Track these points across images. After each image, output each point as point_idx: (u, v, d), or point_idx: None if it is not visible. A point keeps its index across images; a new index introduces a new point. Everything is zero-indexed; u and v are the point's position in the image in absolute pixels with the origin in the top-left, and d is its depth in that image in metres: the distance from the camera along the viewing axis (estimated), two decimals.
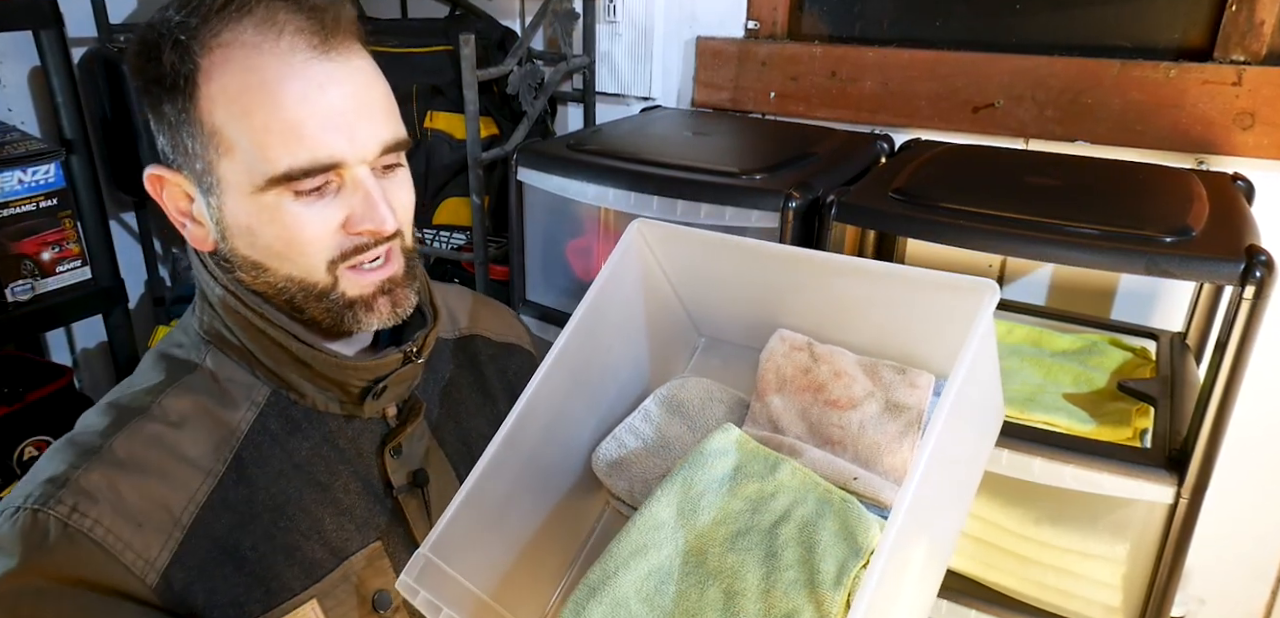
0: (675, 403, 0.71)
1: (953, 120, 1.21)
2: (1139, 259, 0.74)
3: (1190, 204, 0.84)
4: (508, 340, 0.88)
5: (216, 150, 0.60)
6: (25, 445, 1.55)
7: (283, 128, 0.58)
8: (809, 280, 0.68)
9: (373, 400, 0.69)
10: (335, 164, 0.60)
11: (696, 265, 0.73)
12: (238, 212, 0.62)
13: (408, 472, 0.72)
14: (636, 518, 0.62)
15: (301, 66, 0.59)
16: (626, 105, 1.48)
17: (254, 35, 0.58)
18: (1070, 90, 1.12)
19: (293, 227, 0.61)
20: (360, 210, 0.62)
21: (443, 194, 1.39)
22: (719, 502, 0.62)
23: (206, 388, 0.67)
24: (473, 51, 1.19)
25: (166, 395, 0.65)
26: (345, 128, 0.60)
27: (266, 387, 0.68)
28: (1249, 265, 0.71)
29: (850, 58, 1.27)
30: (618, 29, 1.44)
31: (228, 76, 0.58)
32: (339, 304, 0.65)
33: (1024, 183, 0.96)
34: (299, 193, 0.60)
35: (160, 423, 0.64)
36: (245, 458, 0.65)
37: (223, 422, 0.66)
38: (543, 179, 1.09)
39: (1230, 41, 1.05)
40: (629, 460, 0.69)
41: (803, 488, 0.60)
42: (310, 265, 0.63)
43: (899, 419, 0.63)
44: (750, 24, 1.36)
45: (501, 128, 1.38)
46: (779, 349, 0.70)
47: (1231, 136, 1.05)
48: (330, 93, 0.60)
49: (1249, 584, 1.19)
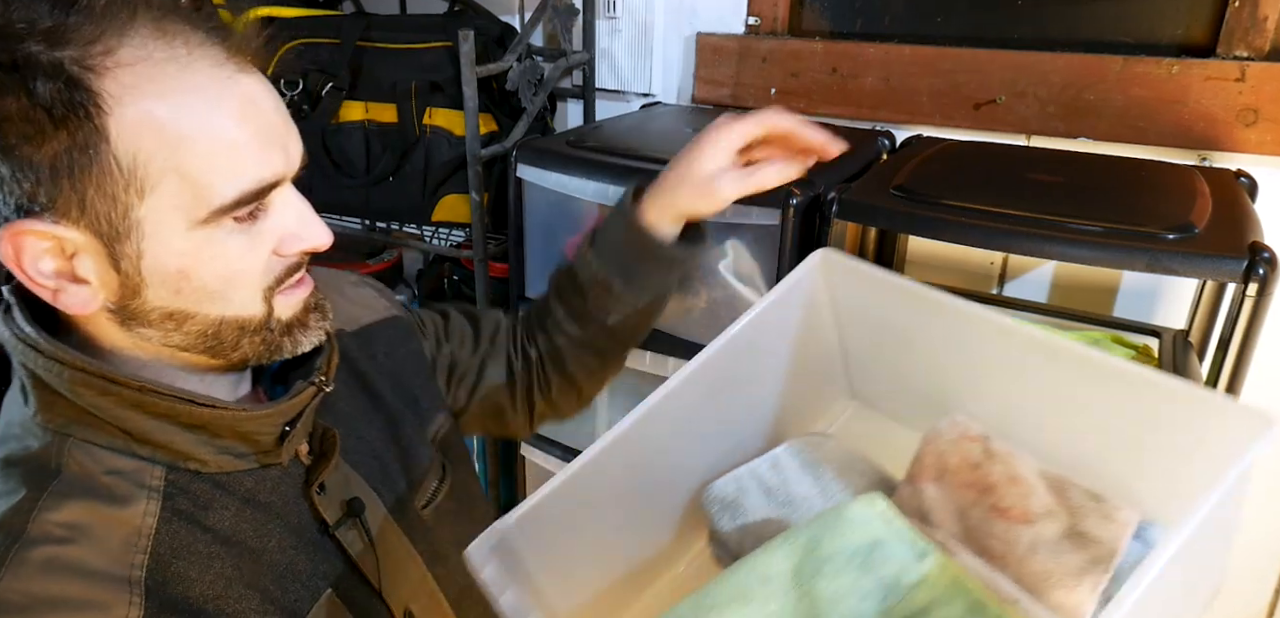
0: (811, 461, 0.65)
1: (954, 117, 1.21)
2: (1141, 256, 0.74)
3: (1193, 201, 0.84)
4: (367, 323, 0.79)
5: (135, 191, 0.50)
6: None
7: (227, 150, 0.51)
8: (1001, 358, 0.58)
9: (287, 444, 0.61)
10: (277, 181, 0.55)
11: (871, 313, 0.66)
12: (164, 257, 0.52)
13: (340, 503, 0.65)
14: (745, 562, 0.54)
15: (231, 82, 0.52)
16: (626, 102, 1.48)
17: (160, 49, 0.50)
18: (1072, 87, 1.12)
19: (235, 260, 0.54)
20: (294, 228, 0.57)
21: (441, 191, 1.38)
22: (847, 576, 0.52)
23: (85, 489, 0.54)
24: (472, 47, 1.18)
25: (41, 510, 0.52)
26: (280, 142, 0.55)
27: (158, 466, 0.56)
28: (1252, 262, 0.70)
29: (851, 54, 1.26)
30: (618, 25, 1.43)
31: (148, 102, 0.49)
32: (276, 333, 0.59)
33: (1026, 179, 0.95)
34: (238, 219, 0.54)
35: (48, 545, 0.51)
36: (164, 556, 0.54)
37: (122, 523, 0.54)
38: (542, 176, 1.09)
39: (1233, 37, 1.04)
40: (745, 507, 0.63)
41: (951, 589, 0.50)
42: (247, 298, 0.56)
43: (1083, 552, 0.52)
44: (751, 20, 1.35)
45: (501, 124, 1.38)
46: (948, 433, 0.60)
47: (1234, 133, 1.04)
48: (263, 106, 0.54)
49: (1251, 583, 1.19)
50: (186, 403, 0.55)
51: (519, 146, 1.14)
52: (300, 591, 0.61)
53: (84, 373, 0.53)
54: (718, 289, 1.05)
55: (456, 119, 1.34)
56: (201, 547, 0.56)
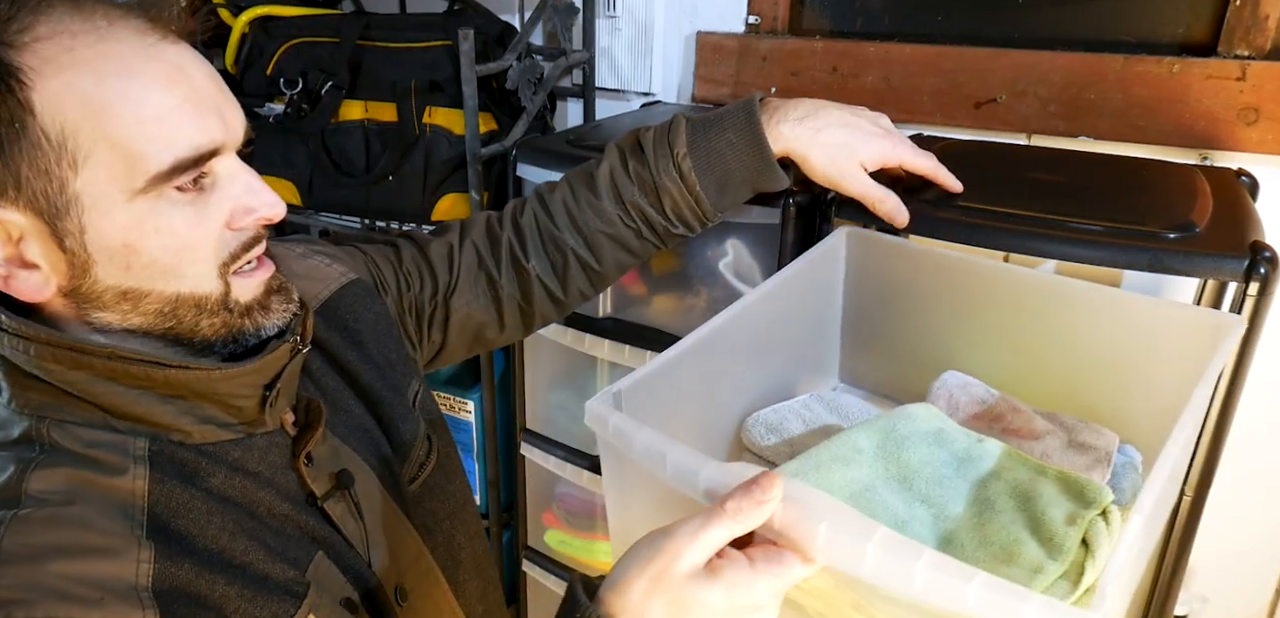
0: (836, 404, 0.72)
1: (955, 116, 1.20)
2: (1142, 255, 0.73)
3: (1194, 200, 0.84)
4: (326, 297, 0.75)
5: (68, 164, 0.50)
6: None
7: (156, 115, 0.51)
8: (1001, 302, 0.70)
9: (270, 409, 0.60)
10: (215, 149, 0.54)
11: (884, 282, 0.75)
12: (108, 231, 0.52)
13: (329, 475, 0.64)
14: (835, 439, 0.60)
15: (154, 49, 0.52)
16: (626, 101, 1.48)
17: (78, 23, 0.50)
18: (1073, 85, 1.12)
19: (182, 230, 0.53)
20: (245, 199, 0.56)
21: (441, 190, 1.38)
22: (925, 449, 0.60)
23: (73, 459, 0.53)
24: (471, 46, 1.18)
25: (29, 480, 0.51)
26: (214, 109, 0.54)
27: (141, 438, 0.55)
28: (1253, 261, 0.70)
29: (852, 53, 1.26)
30: (617, 24, 1.43)
31: (70, 72, 0.49)
32: (235, 313, 0.57)
33: (1027, 178, 0.95)
34: (181, 189, 0.53)
35: (47, 505, 0.50)
36: (162, 516, 0.54)
37: (114, 489, 0.53)
38: (542, 175, 1.09)
39: (1234, 36, 1.04)
40: (786, 428, 0.69)
41: (1013, 460, 0.59)
42: (201, 273, 0.55)
43: (1085, 455, 0.61)
44: (751, 19, 1.35)
45: (500, 123, 1.38)
46: (953, 381, 0.71)
47: (1236, 132, 1.04)
48: (191, 73, 0.53)
49: (1253, 582, 1.18)
50: (160, 366, 0.54)
51: (519, 146, 1.14)
52: (297, 550, 0.60)
53: (52, 347, 0.52)
54: (717, 288, 1.05)
55: (456, 118, 1.33)
56: (198, 505, 0.56)
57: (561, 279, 0.85)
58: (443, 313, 0.84)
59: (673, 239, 0.84)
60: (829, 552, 0.46)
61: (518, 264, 0.84)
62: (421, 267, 0.83)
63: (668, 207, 0.80)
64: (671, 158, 0.79)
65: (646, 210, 0.81)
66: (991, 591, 0.41)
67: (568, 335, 1.09)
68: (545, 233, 0.84)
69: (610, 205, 0.81)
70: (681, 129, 0.80)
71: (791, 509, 0.48)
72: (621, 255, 0.84)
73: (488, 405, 1.43)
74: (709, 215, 0.81)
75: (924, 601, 0.43)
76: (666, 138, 0.80)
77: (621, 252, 0.84)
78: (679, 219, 0.81)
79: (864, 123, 0.78)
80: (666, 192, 0.79)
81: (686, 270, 1.10)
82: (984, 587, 0.41)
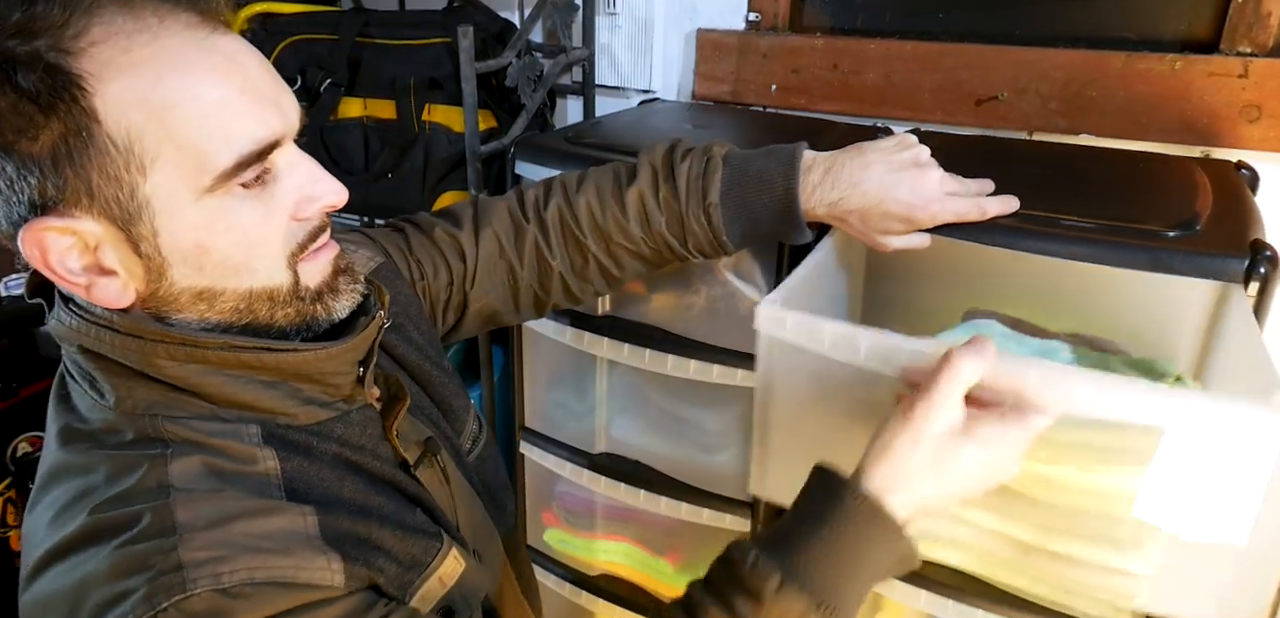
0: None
1: (956, 113, 1.20)
2: (1143, 255, 0.73)
3: (1194, 196, 0.83)
4: (370, 270, 0.75)
5: (137, 168, 0.50)
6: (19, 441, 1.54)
7: (216, 111, 0.51)
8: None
9: (365, 384, 0.63)
10: (275, 141, 0.54)
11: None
12: (180, 232, 0.52)
13: (416, 444, 0.68)
14: (940, 338, 0.69)
15: (206, 42, 0.52)
16: (626, 98, 1.47)
17: (129, 22, 0.50)
18: (1074, 82, 1.11)
19: (250, 226, 0.54)
20: (308, 188, 0.57)
21: (441, 187, 1.38)
22: (1011, 345, 0.71)
23: (199, 451, 0.54)
24: (471, 43, 1.18)
25: (170, 471, 0.52)
26: (272, 100, 0.54)
27: (252, 425, 0.57)
28: (1253, 261, 0.69)
29: (852, 50, 1.26)
30: (617, 21, 1.42)
31: (129, 74, 0.49)
32: (307, 301, 0.58)
33: (1028, 176, 0.94)
34: (247, 185, 0.53)
35: (204, 479, 0.53)
36: (298, 490, 0.56)
37: (249, 471, 0.55)
38: (542, 172, 1.08)
39: (1237, 33, 1.04)
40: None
41: (1080, 353, 0.67)
42: (272, 267, 0.56)
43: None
44: (751, 16, 1.35)
45: (500, 121, 1.37)
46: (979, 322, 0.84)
47: (1237, 129, 1.04)
48: (245, 64, 0.53)
49: (1253, 584, 1.18)
50: (272, 351, 0.56)
51: (518, 143, 1.13)
52: (416, 512, 0.64)
53: (166, 343, 0.53)
54: (717, 287, 1.05)
55: (455, 116, 1.33)
56: (326, 473, 0.58)
57: (580, 277, 0.85)
58: (459, 299, 0.84)
59: (688, 263, 0.86)
60: (1045, 396, 0.55)
61: (542, 258, 0.84)
62: (433, 255, 0.83)
63: (691, 243, 0.81)
64: (702, 203, 0.78)
65: (670, 239, 0.81)
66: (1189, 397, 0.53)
67: (567, 333, 1.09)
68: (568, 232, 0.84)
69: (636, 227, 0.82)
70: (717, 176, 0.78)
71: (1004, 371, 0.56)
72: (639, 267, 0.85)
73: (487, 404, 1.43)
74: (727, 253, 0.82)
75: (1121, 418, 0.54)
76: (702, 181, 0.79)
77: (640, 264, 0.85)
78: (698, 252, 0.82)
79: (903, 187, 0.74)
80: (691, 232, 0.80)
81: (686, 269, 1.10)
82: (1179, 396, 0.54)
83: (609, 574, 1.25)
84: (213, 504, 0.52)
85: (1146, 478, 0.57)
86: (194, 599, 0.48)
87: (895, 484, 0.56)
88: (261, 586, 0.50)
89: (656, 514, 1.12)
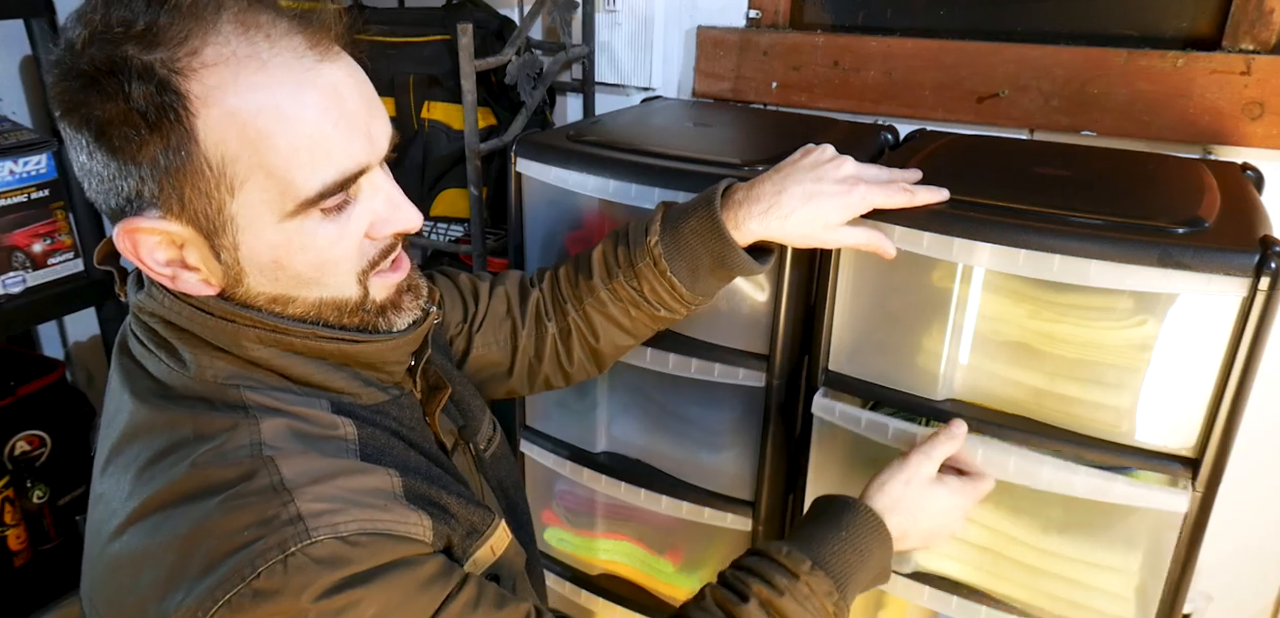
0: None
1: (957, 111, 1.20)
2: (1152, 251, 0.73)
3: (1201, 194, 0.83)
4: None
5: (226, 189, 0.53)
6: (16, 440, 1.53)
7: (309, 144, 0.54)
8: None
9: (418, 373, 0.69)
10: (360, 170, 0.57)
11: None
12: (259, 248, 0.56)
13: (454, 430, 0.75)
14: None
15: (310, 73, 0.54)
16: (626, 96, 1.47)
17: (243, 46, 0.52)
18: (1076, 80, 1.11)
19: (325, 249, 0.57)
20: (384, 213, 0.60)
21: (440, 185, 1.37)
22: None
23: (283, 416, 0.58)
24: (470, 41, 1.17)
25: (262, 431, 0.56)
26: (363, 130, 0.57)
27: (322, 398, 0.62)
28: (1264, 257, 0.69)
29: (853, 47, 1.25)
30: (617, 18, 1.42)
31: (232, 99, 0.51)
32: (371, 312, 0.62)
33: (1031, 174, 0.94)
34: (325, 211, 0.56)
35: (292, 441, 0.56)
36: (372, 455, 0.60)
37: (331, 435, 0.59)
38: (541, 170, 1.07)
39: (1239, 30, 1.03)
40: None
41: None
42: (342, 282, 0.60)
43: None
44: (752, 13, 1.34)
45: (500, 118, 1.37)
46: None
47: (1240, 127, 1.03)
48: (345, 94, 0.56)
49: (1257, 580, 1.18)
50: (352, 341, 0.61)
51: (518, 141, 1.12)
52: (465, 487, 0.68)
53: (256, 327, 0.58)
54: None
55: (455, 113, 1.33)
56: (393, 442, 0.63)
57: (567, 347, 0.90)
58: (464, 343, 0.89)
59: (660, 322, 0.88)
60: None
61: (540, 321, 0.90)
62: (452, 292, 0.89)
63: (646, 291, 0.84)
64: (645, 244, 0.82)
65: (629, 291, 0.85)
66: None
67: None
68: (557, 301, 0.90)
69: (600, 285, 0.86)
70: (658, 215, 0.83)
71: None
72: (616, 335, 0.88)
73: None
74: (686, 299, 0.84)
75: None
76: (645, 224, 0.83)
77: (615, 331, 0.88)
78: (659, 303, 0.84)
79: (826, 185, 0.79)
80: (644, 276, 0.83)
81: None
82: None
83: (610, 573, 1.25)
84: (309, 463, 0.55)
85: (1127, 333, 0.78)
86: (319, 545, 0.51)
87: (891, 509, 0.77)
88: (374, 536, 0.54)
89: (657, 513, 1.11)
